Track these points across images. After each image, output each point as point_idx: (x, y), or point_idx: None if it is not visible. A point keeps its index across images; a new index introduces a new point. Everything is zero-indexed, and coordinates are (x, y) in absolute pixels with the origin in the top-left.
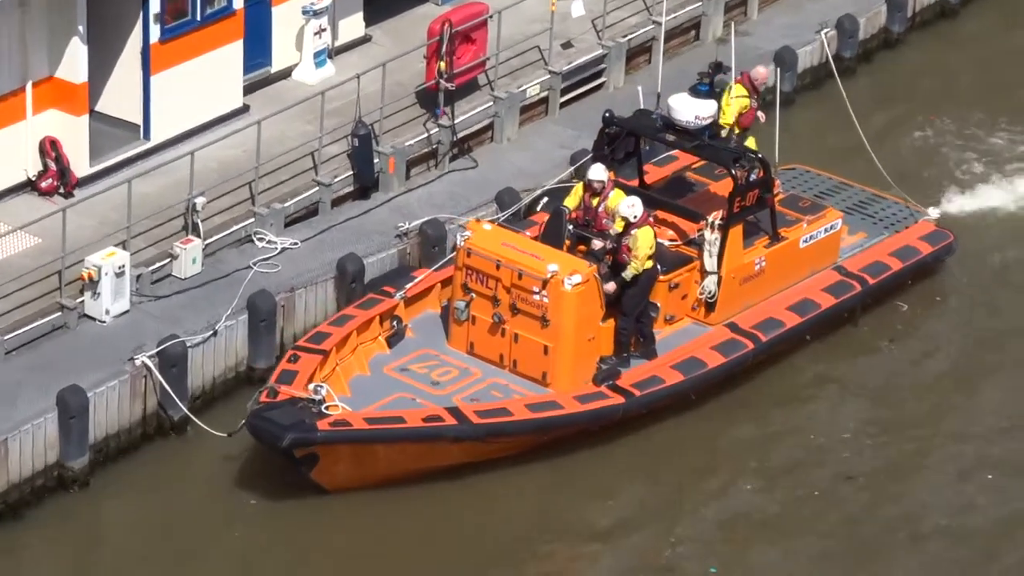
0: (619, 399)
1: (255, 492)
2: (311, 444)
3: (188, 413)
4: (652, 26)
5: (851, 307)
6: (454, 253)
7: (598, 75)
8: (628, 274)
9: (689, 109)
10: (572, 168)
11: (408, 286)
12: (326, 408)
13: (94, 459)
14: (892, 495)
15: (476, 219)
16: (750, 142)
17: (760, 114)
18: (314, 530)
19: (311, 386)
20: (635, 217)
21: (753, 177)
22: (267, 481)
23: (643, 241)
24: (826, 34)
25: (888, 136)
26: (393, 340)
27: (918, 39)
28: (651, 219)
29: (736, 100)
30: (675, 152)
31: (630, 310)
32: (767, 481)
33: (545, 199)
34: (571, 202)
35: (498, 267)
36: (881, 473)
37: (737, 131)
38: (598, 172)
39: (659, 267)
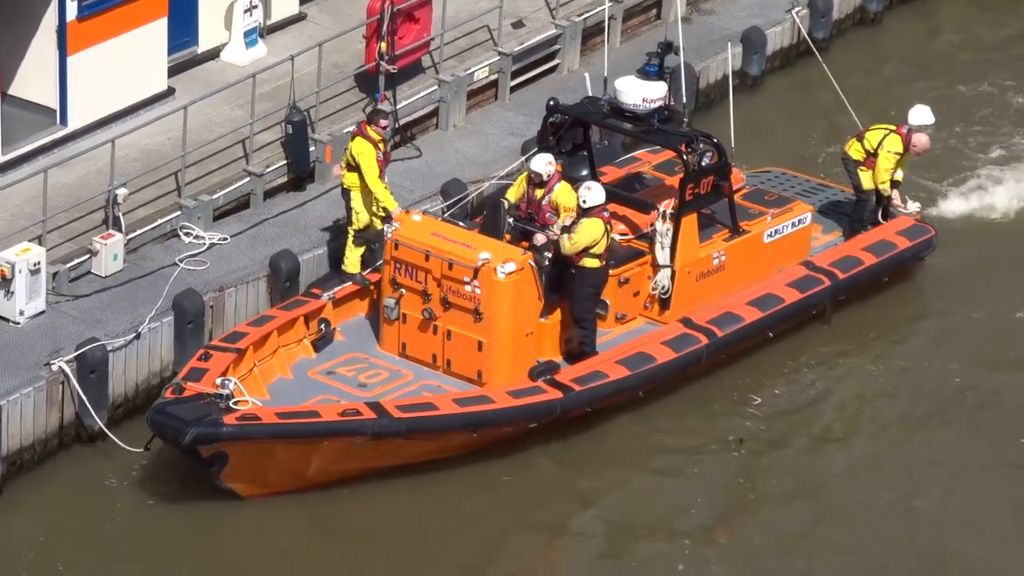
0: (557, 394)
1: (172, 501)
2: (216, 440)
3: (103, 426)
4: (609, 4)
5: (819, 303)
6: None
7: (551, 57)
8: (563, 244)
9: (636, 91)
10: (523, 158)
11: (338, 288)
12: (235, 403)
13: (6, 472)
14: None
15: (406, 210)
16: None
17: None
18: (232, 537)
19: (218, 380)
20: (584, 202)
21: (706, 162)
22: (187, 490)
23: (584, 229)
24: (797, 12)
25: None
26: (320, 344)
27: (897, 18)
28: (606, 215)
29: (889, 155)
30: (638, 154)
31: (578, 314)
32: None
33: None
34: (513, 194)
35: (427, 258)
36: None
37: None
38: (539, 162)
39: (608, 265)
